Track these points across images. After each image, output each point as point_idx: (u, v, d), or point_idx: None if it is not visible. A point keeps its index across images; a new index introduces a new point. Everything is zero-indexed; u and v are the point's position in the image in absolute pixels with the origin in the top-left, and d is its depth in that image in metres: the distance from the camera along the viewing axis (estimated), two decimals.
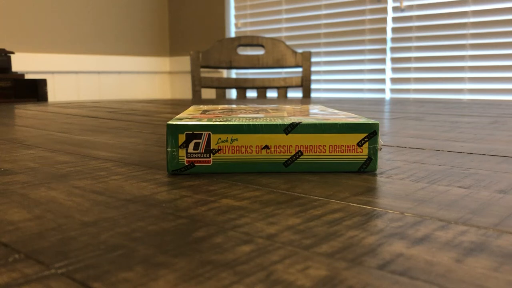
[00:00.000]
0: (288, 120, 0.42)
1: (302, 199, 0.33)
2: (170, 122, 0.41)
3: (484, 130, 0.68)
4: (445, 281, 0.20)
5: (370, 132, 0.41)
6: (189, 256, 0.23)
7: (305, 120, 0.42)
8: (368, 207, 0.31)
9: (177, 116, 0.45)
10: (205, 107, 0.57)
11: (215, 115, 0.47)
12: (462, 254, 0.23)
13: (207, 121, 0.41)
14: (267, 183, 0.38)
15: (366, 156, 0.42)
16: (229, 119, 0.43)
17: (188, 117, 0.45)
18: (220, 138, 0.41)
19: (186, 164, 0.41)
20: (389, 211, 0.30)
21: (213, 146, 0.41)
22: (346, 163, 0.42)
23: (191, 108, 0.56)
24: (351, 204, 0.32)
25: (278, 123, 0.41)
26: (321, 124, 0.41)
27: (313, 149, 0.41)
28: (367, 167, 0.42)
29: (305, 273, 0.21)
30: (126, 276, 0.20)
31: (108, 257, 0.22)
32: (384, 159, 0.47)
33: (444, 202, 0.32)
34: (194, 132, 0.41)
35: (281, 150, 0.41)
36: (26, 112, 1.07)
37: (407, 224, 0.27)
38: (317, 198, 0.33)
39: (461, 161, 0.46)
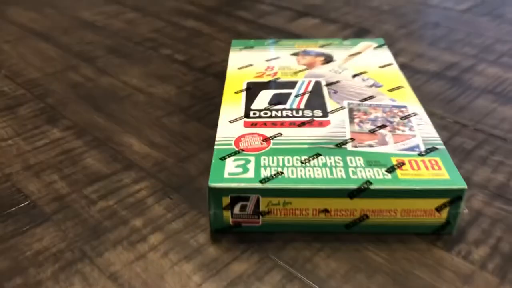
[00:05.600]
0: (353, 182, 0.34)
1: None
2: (213, 182, 0.34)
3: None
4: None
5: (454, 197, 0.34)
6: None
7: (375, 182, 0.34)
8: None
9: (221, 116, 0.38)
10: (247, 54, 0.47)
11: (262, 123, 0.40)
12: None
13: (254, 179, 0.34)
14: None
15: (444, 221, 0.35)
16: (280, 155, 0.35)
17: (231, 129, 0.37)
18: (270, 201, 0.34)
19: (232, 224, 0.36)
20: None
21: (262, 208, 0.35)
22: (418, 226, 0.35)
23: (231, 74, 0.48)
24: None
25: (342, 187, 0.34)
26: (394, 190, 0.34)
27: (381, 213, 0.35)
28: (443, 230, 0.35)
29: None
30: None
31: None
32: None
33: None
34: (240, 195, 0.34)
35: (342, 214, 0.35)
36: None
37: None
38: None
39: None
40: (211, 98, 0.54)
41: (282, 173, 0.35)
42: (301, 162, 0.36)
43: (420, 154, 0.37)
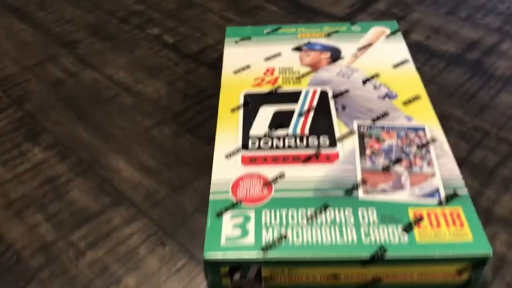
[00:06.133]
0: (366, 249, 0.30)
1: None
2: (208, 250, 0.31)
3: None
4: None
5: (477, 262, 0.31)
6: None
7: (390, 248, 0.30)
8: None
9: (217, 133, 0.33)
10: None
11: (264, 158, 0.35)
12: None
13: (255, 246, 0.31)
14: None
15: (466, 280, 0.32)
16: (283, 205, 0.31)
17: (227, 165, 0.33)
18: (273, 270, 0.31)
19: None
20: None
21: (265, 274, 0.32)
22: (437, 286, 0.32)
23: (225, 84, 0.42)
24: None
25: (353, 256, 0.30)
26: (411, 258, 0.30)
27: (396, 277, 0.32)
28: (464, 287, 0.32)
29: None
30: None
31: None
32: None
33: None
34: (240, 265, 0.31)
35: (354, 279, 0.32)
36: None
37: None
38: None
39: None
40: (205, 98, 0.49)
41: (286, 236, 0.31)
42: (307, 219, 0.32)
43: (440, 203, 0.33)
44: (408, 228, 0.31)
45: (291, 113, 0.40)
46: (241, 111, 0.41)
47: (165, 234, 0.37)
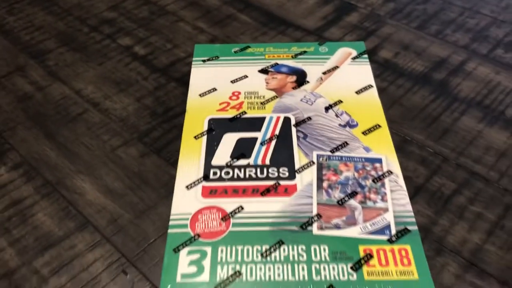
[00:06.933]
0: (315, 286, 0.31)
1: None
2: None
3: None
4: None
5: None
6: None
7: (338, 285, 0.31)
8: None
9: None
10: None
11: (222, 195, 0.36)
12: None
13: (209, 284, 0.32)
14: None
15: None
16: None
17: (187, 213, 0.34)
18: None
19: None
20: None
21: None
22: None
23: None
24: None
25: None
26: None
27: None
28: None
29: None
30: None
31: None
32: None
33: None
34: None
35: None
36: None
37: None
38: None
39: None
40: (172, 116, 0.49)
41: (240, 273, 0.32)
42: (261, 255, 0.33)
43: (390, 240, 0.34)
44: (357, 267, 0.33)
45: (254, 140, 0.41)
46: (204, 138, 0.41)
47: (127, 261, 0.38)
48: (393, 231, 0.34)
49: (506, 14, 0.63)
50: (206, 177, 0.38)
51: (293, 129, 0.42)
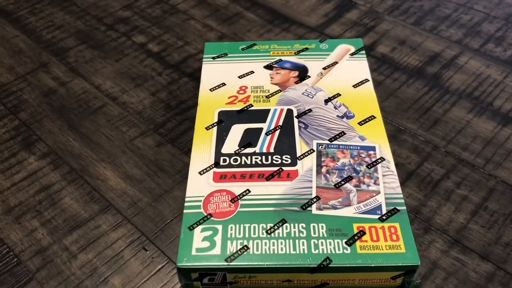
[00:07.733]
0: (314, 258, 0.36)
1: None
2: (181, 261, 0.36)
3: None
4: None
5: (408, 270, 0.36)
6: None
7: (334, 258, 0.36)
8: None
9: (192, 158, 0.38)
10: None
11: (230, 178, 0.41)
12: None
13: (220, 256, 0.36)
14: None
15: (399, 285, 0.38)
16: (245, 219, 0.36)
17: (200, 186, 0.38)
18: (236, 275, 0.37)
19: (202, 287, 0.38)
20: None
21: (229, 279, 0.37)
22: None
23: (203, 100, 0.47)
24: None
25: (304, 265, 0.36)
26: (351, 267, 0.36)
27: (340, 281, 0.37)
28: None
29: None
30: None
31: None
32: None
33: None
34: (208, 272, 0.36)
35: (304, 283, 0.37)
36: None
37: None
38: None
39: None
40: (185, 109, 0.54)
41: (247, 247, 0.37)
42: (266, 232, 0.38)
43: (381, 219, 0.38)
44: (351, 242, 0.37)
45: (259, 131, 0.45)
46: (215, 129, 0.46)
47: (146, 239, 0.43)
48: (384, 211, 0.39)
49: (498, 10, 0.66)
50: (216, 164, 0.43)
51: (295, 120, 0.46)
